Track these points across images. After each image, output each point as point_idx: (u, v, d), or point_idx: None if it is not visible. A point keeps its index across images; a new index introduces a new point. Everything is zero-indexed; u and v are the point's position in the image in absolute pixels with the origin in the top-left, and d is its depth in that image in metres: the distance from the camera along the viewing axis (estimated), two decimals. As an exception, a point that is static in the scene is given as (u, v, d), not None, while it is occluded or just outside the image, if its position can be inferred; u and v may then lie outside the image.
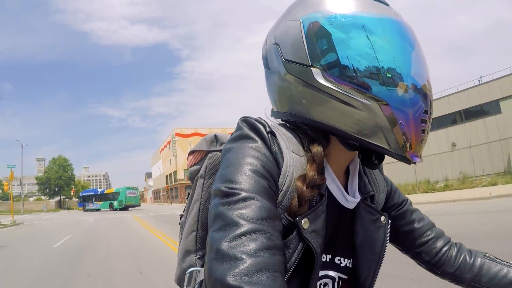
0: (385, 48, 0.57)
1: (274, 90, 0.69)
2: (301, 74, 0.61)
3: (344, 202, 0.67)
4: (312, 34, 0.59)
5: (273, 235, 0.51)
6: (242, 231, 0.49)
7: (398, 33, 0.59)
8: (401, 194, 0.86)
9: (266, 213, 0.52)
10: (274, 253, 0.49)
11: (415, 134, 0.59)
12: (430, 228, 0.85)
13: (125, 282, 5.34)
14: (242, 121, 0.63)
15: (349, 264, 0.71)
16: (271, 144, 0.60)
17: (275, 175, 0.58)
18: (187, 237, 0.77)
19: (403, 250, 0.87)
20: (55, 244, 10.51)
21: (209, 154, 0.77)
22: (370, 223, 0.71)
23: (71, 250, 9.03)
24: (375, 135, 0.58)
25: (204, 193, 0.76)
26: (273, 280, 0.46)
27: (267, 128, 0.61)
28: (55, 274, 6.12)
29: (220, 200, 0.54)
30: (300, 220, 0.58)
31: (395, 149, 0.59)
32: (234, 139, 0.62)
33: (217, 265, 0.47)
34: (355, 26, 0.57)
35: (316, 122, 0.61)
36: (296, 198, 0.58)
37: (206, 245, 0.52)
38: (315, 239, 0.59)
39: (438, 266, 0.82)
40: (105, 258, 7.58)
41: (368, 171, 0.77)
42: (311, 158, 0.61)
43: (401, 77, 0.57)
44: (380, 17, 0.59)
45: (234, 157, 0.58)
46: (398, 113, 0.57)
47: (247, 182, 0.54)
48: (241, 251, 0.47)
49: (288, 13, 0.65)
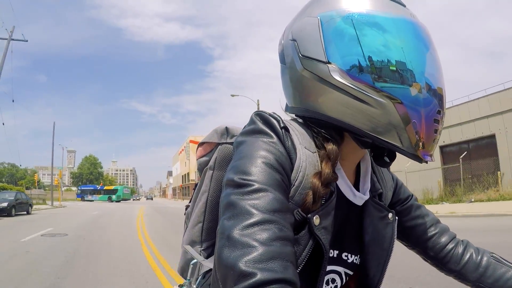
0: (400, 48, 0.58)
1: (290, 86, 0.69)
2: (317, 71, 0.61)
3: (353, 199, 0.68)
4: (329, 31, 0.60)
5: (285, 226, 0.51)
6: (254, 220, 0.49)
7: (413, 34, 0.60)
8: (406, 190, 0.87)
9: (279, 205, 0.52)
10: (286, 243, 0.49)
11: (427, 133, 0.59)
12: (434, 223, 0.84)
13: (124, 226, 14.48)
14: (256, 115, 0.63)
15: (356, 261, 0.71)
16: (285, 139, 0.60)
17: (288, 169, 0.58)
18: (193, 228, 0.78)
19: (409, 245, 0.87)
20: (93, 212, 22.17)
21: (219, 146, 0.79)
22: (379, 220, 0.71)
23: (99, 215, 19.34)
24: (389, 133, 0.59)
25: (212, 185, 0.77)
26: (285, 268, 0.46)
27: (281, 123, 0.61)
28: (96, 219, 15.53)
29: (233, 190, 0.54)
30: (312, 216, 0.58)
31: (407, 147, 0.59)
32: (247, 132, 0.62)
33: (229, 251, 0.47)
34: (372, 25, 0.58)
35: (331, 119, 0.62)
36: (311, 195, 0.58)
37: (217, 233, 0.52)
38: (325, 236, 0.59)
39: (444, 263, 0.82)
40: (114, 218, 16.93)
41: (377, 169, 0.77)
42: (326, 156, 0.61)
43: (415, 77, 0.58)
44: (396, 17, 0.60)
45: (247, 149, 0.58)
46: (412, 112, 0.58)
47: (260, 174, 0.54)
48: (254, 239, 0.47)
49: (306, 10, 0.66)
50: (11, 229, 11.24)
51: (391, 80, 0.57)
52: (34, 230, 10.52)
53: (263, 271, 0.44)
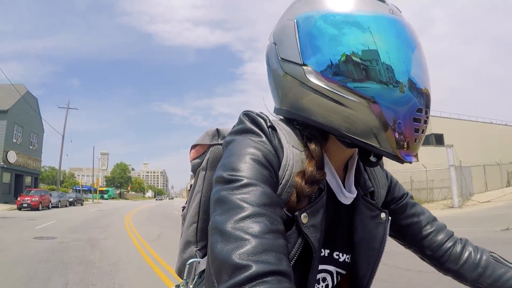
0: (377, 47, 0.57)
1: (274, 88, 0.70)
2: (294, 73, 0.62)
3: (342, 198, 0.68)
4: (304, 32, 0.61)
5: (275, 219, 0.51)
6: (245, 214, 0.49)
7: (391, 31, 0.58)
8: (401, 188, 0.86)
9: (268, 199, 0.53)
10: (278, 236, 0.49)
11: (407, 133, 0.58)
12: (430, 221, 0.83)
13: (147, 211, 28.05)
14: (244, 115, 0.64)
15: (348, 260, 0.71)
16: (272, 138, 0.61)
17: (276, 167, 0.59)
18: (188, 228, 0.79)
19: (405, 244, 0.86)
20: (118, 205, 34.69)
21: (211, 147, 0.80)
22: (370, 219, 0.70)
23: (116, 207, 32.52)
24: (365, 133, 0.59)
25: (205, 185, 0.78)
26: (279, 260, 0.46)
27: (268, 122, 0.62)
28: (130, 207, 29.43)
29: (223, 186, 0.54)
30: (300, 214, 0.58)
31: (385, 147, 0.59)
32: (236, 132, 0.62)
33: (222, 246, 0.47)
34: (345, 24, 0.58)
35: (310, 120, 0.62)
36: (295, 194, 0.58)
37: (209, 229, 0.51)
38: (314, 234, 0.59)
39: (442, 262, 0.80)
40: (135, 209, 30.67)
41: (368, 167, 0.76)
42: (310, 155, 0.62)
43: (391, 75, 0.57)
44: (373, 14, 0.59)
45: (236, 148, 0.59)
46: (387, 111, 0.57)
47: (249, 170, 0.55)
48: (246, 232, 0.47)
49: (286, 13, 0.67)
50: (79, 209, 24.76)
51: (364, 80, 0.57)
52: (92, 207, 24.38)
53: (258, 263, 0.44)
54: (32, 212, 18.45)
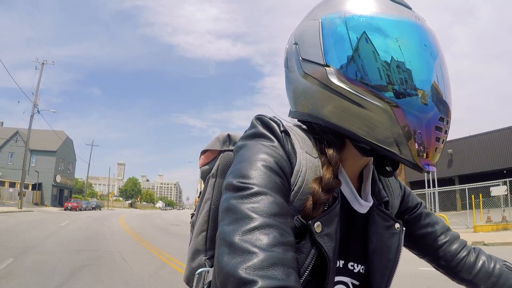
0: (401, 51, 0.56)
1: (291, 90, 0.68)
2: (316, 74, 0.60)
3: (358, 207, 0.66)
4: (329, 33, 0.59)
5: (285, 231, 0.50)
6: (254, 225, 0.48)
7: (416, 37, 0.58)
8: (415, 197, 0.85)
9: (279, 209, 0.51)
10: (287, 249, 0.48)
11: (428, 141, 0.57)
12: (444, 231, 0.82)
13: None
14: (256, 119, 0.63)
15: (362, 271, 0.69)
16: (285, 143, 0.59)
17: (288, 173, 0.57)
18: (197, 237, 0.77)
19: (419, 254, 0.84)
20: (130, 211, 51.09)
21: (221, 153, 0.78)
22: (384, 229, 0.69)
23: (134, 215, 48.82)
24: (386, 139, 0.57)
25: (215, 193, 0.75)
26: (287, 275, 0.44)
27: (281, 127, 0.60)
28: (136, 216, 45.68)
29: (232, 194, 0.52)
30: (313, 223, 0.56)
31: (406, 155, 0.57)
32: (248, 136, 0.61)
33: (229, 258, 0.45)
34: (372, 28, 0.57)
35: (329, 123, 0.61)
36: (311, 201, 0.57)
37: (217, 239, 0.50)
38: (328, 243, 0.57)
39: (456, 272, 0.79)
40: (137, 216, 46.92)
41: (383, 177, 0.75)
42: (327, 161, 0.60)
43: (416, 82, 0.56)
44: (399, 19, 0.58)
45: (247, 153, 0.57)
46: (410, 118, 0.56)
47: (260, 177, 0.53)
48: (254, 245, 0.46)
49: (310, 14, 0.66)
50: (99, 213, 40.44)
51: (389, 84, 0.56)
52: (106, 211, 40.50)
53: (264, 279, 0.42)
54: (73, 212, 33.72)
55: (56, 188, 46.64)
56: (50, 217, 21.74)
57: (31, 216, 20.25)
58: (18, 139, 42.92)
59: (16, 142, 42.83)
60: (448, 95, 0.60)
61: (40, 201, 41.09)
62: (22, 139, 41.33)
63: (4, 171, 39.60)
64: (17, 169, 38.64)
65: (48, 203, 42.64)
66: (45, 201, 42.66)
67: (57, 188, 46.86)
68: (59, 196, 47.90)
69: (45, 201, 42.66)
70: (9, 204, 29.89)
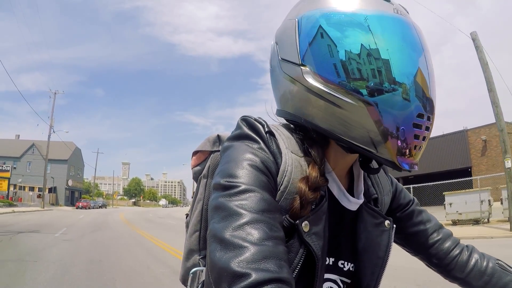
0: (377, 46, 0.54)
1: (274, 88, 0.68)
2: (293, 74, 0.61)
3: (346, 203, 0.66)
4: (304, 32, 0.59)
5: (275, 226, 0.50)
6: (244, 220, 0.48)
7: (393, 31, 0.56)
8: (407, 194, 0.84)
9: (267, 205, 0.52)
10: (277, 242, 0.48)
11: (406, 139, 0.56)
12: (437, 229, 0.81)
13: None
14: (241, 121, 0.63)
15: (352, 268, 0.69)
16: (270, 143, 0.59)
17: (274, 173, 0.58)
18: (191, 237, 0.78)
19: (411, 252, 0.84)
20: (129, 208, 58.95)
21: (212, 154, 0.78)
22: (373, 227, 0.68)
23: (135, 211, 56.43)
24: (362, 137, 0.57)
25: (207, 193, 0.76)
26: (279, 267, 0.45)
27: (266, 128, 0.61)
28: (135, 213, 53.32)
29: (220, 193, 0.53)
30: (300, 223, 0.56)
31: (382, 153, 0.57)
32: (233, 137, 0.61)
33: (221, 254, 0.46)
34: (346, 23, 0.56)
35: (308, 122, 0.61)
36: (298, 200, 0.57)
37: (207, 237, 0.51)
38: (316, 242, 0.57)
39: (449, 270, 0.79)
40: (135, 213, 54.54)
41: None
42: (312, 160, 0.60)
43: (392, 77, 0.54)
44: (375, 13, 0.57)
45: (233, 154, 0.58)
46: (386, 116, 0.55)
47: (246, 176, 0.54)
48: (245, 240, 0.46)
49: (290, 12, 0.65)
50: (105, 210, 47.64)
51: (363, 82, 0.55)
52: (111, 209, 48.12)
53: (258, 271, 0.43)
54: (83, 210, 40.71)
55: (68, 190, 55.01)
56: (68, 213, 28.99)
57: (54, 213, 27.39)
58: (34, 150, 50.85)
59: (33, 153, 50.72)
60: (432, 91, 0.58)
61: (55, 201, 48.72)
62: (38, 150, 49.48)
63: (24, 178, 47.21)
64: (34, 176, 46.86)
65: (62, 203, 50.60)
66: (60, 202, 50.58)
67: (69, 190, 55.24)
68: (71, 197, 56.29)
69: (59, 201, 50.55)
70: (31, 205, 37.15)
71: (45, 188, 38.60)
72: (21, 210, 26.79)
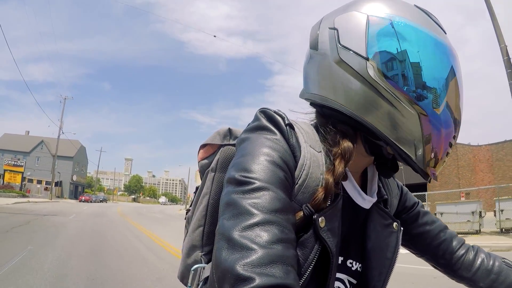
0: (438, 68, 0.58)
1: (316, 72, 0.66)
2: (353, 63, 0.60)
3: (361, 201, 0.66)
4: (375, 29, 0.59)
5: (286, 227, 0.49)
6: (254, 221, 0.47)
7: (450, 60, 0.60)
8: (412, 197, 0.85)
9: (280, 204, 0.51)
10: (287, 246, 0.47)
11: (441, 153, 0.60)
12: (442, 230, 0.82)
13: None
14: (260, 112, 0.62)
15: (359, 269, 0.69)
16: (289, 136, 0.59)
17: (292, 167, 0.57)
18: (194, 232, 0.75)
19: (417, 253, 0.84)
20: (127, 203, 63.84)
21: (221, 148, 0.76)
22: (382, 227, 0.69)
23: (132, 207, 61.31)
24: (407, 142, 0.58)
25: (214, 187, 0.74)
26: (286, 273, 0.44)
27: (286, 120, 0.60)
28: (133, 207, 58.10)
29: (234, 188, 0.52)
30: (318, 218, 0.56)
31: (419, 161, 0.59)
32: (251, 129, 0.61)
33: (227, 254, 0.45)
34: (418, 38, 0.58)
35: (352, 113, 0.60)
36: (322, 192, 0.57)
37: (216, 233, 0.50)
38: (331, 238, 0.57)
39: (455, 270, 0.79)
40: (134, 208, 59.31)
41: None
42: (340, 154, 0.60)
43: (444, 98, 0.58)
44: (440, 40, 0.60)
45: (250, 146, 0.57)
46: (434, 129, 0.58)
47: (262, 172, 0.53)
48: (253, 242, 0.45)
49: (354, 4, 0.64)
50: (105, 204, 52.03)
51: (422, 93, 0.57)
52: (112, 204, 52.95)
53: (262, 276, 0.42)
54: (86, 203, 44.93)
55: (73, 185, 59.79)
56: (74, 205, 33.63)
57: (62, 204, 31.96)
58: (43, 147, 55.75)
59: (41, 149, 55.65)
60: (462, 115, 0.62)
61: (61, 194, 53.44)
62: (46, 146, 54.51)
63: (33, 172, 51.95)
64: (42, 170, 51.85)
65: (66, 196, 55.34)
66: (64, 195, 55.35)
67: (73, 185, 60.00)
68: (75, 191, 61.06)
69: (64, 194, 55.35)
70: (39, 197, 41.52)
71: (50, 182, 43.34)
72: (35, 200, 31.20)
